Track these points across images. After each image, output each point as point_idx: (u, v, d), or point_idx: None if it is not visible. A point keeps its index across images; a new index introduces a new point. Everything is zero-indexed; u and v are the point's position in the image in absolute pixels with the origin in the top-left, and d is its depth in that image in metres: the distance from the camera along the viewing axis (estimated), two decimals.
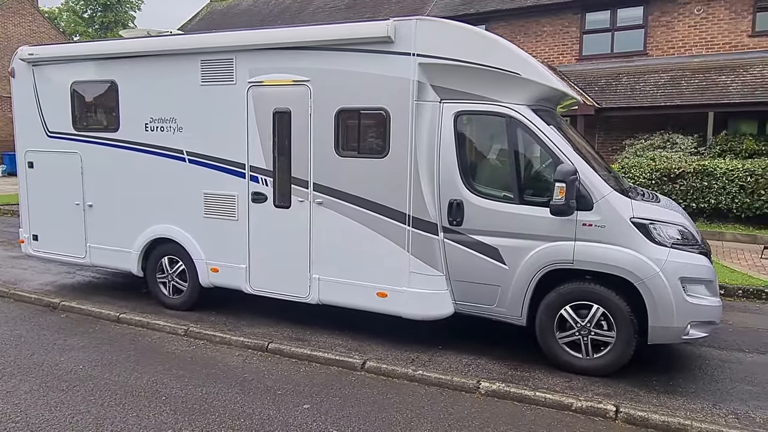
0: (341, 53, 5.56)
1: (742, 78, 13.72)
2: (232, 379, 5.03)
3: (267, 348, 5.71)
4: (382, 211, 5.53)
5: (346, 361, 5.35)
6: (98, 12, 52.15)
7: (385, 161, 5.47)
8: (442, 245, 5.43)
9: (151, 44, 6.59)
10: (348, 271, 5.75)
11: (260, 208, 6.13)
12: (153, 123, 6.62)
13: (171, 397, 4.64)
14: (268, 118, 5.97)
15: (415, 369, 5.14)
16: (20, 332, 6.19)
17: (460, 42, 5.21)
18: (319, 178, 5.78)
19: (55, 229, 7.50)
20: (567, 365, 5.13)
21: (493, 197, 5.27)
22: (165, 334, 6.19)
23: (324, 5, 21.71)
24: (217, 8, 25.22)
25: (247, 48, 5.99)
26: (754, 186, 11.97)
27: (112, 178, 6.98)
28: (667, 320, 4.78)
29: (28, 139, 7.53)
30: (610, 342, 4.98)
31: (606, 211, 4.89)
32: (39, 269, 8.86)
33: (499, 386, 4.80)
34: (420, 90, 5.29)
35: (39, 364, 5.30)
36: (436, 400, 4.69)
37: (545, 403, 4.58)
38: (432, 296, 5.49)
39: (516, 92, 5.21)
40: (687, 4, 14.83)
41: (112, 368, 5.23)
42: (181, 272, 6.79)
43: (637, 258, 4.79)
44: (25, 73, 7.41)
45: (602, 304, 4.95)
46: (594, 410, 4.43)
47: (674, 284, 4.75)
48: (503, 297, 5.29)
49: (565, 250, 4.99)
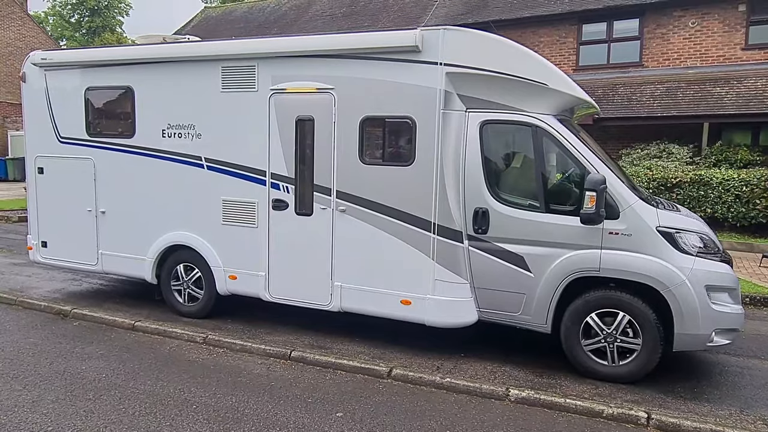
0: (367, 62, 5.59)
1: (736, 90, 13.99)
2: (260, 388, 4.99)
3: (290, 356, 5.69)
4: (407, 219, 5.55)
5: (372, 369, 5.35)
6: (85, 17, 51.74)
7: (411, 169, 5.50)
8: (466, 253, 5.46)
9: (169, 50, 6.57)
10: (371, 279, 5.75)
11: (281, 215, 6.11)
12: (170, 129, 6.59)
13: (201, 405, 4.60)
14: (291, 125, 5.98)
15: (442, 377, 5.16)
16: (35, 340, 6.10)
17: (487, 52, 5.26)
18: (342, 185, 5.79)
19: (66, 236, 7.40)
20: (592, 372, 5.18)
21: (519, 206, 5.32)
22: (183, 342, 6.13)
23: (321, 13, 21.77)
24: (212, 14, 25.16)
25: (271, 55, 6.00)
26: (750, 195, 12.20)
27: (126, 185, 6.92)
28: (693, 328, 4.85)
29: (39, 144, 7.44)
30: (636, 349, 5.03)
31: (632, 220, 4.96)
32: (44, 276, 8.73)
33: (529, 393, 4.83)
34: (447, 99, 5.33)
35: (60, 372, 5.22)
36: (467, 408, 4.70)
37: (576, 410, 4.62)
38: (456, 304, 5.52)
39: (542, 102, 5.28)
40: (682, 17, 15.12)
41: (136, 377, 5.17)
42: (197, 280, 6.74)
43: (663, 266, 4.86)
44: (36, 78, 7.34)
45: (628, 312, 5.01)
46: (626, 417, 4.48)
47: (700, 292, 4.83)
48: (528, 304, 5.33)
49: (591, 258, 5.05)
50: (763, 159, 13.47)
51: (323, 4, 22.39)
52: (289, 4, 23.42)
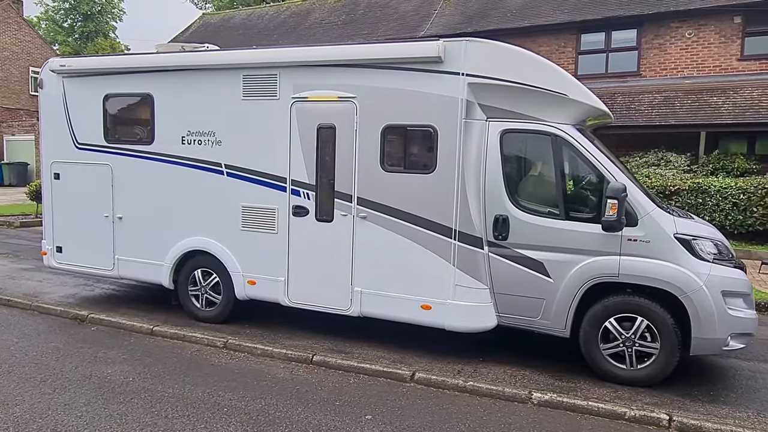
0: (389, 71, 5.71)
1: (733, 99, 14.28)
2: (286, 391, 5.07)
3: (312, 360, 5.77)
4: (428, 225, 5.66)
5: (394, 373, 5.44)
6: (78, 22, 51.61)
7: (432, 177, 5.62)
8: (486, 259, 5.58)
9: (191, 59, 6.66)
10: (392, 284, 5.85)
11: (301, 221, 6.21)
12: (190, 136, 6.67)
13: (232, 409, 4.67)
14: (312, 133, 6.08)
15: (465, 380, 5.26)
16: (56, 344, 6.13)
17: (508, 63, 5.41)
18: (364, 192, 5.89)
19: (81, 241, 7.44)
20: (611, 376, 5.30)
21: (539, 213, 5.45)
22: (203, 347, 6.19)
23: (321, 21, 21.93)
24: (211, 21, 25.25)
25: (293, 64, 6.11)
26: (747, 203, 12.44)
27: (144, 190, 6.98)
28: (710, 332, 4.99)
29: (55, 150, 7.49)
30: (654, 353, 5.16)
31: (651, 227, 5.11)
32: (55, 282, 8.75)
33: (552, 396, 4.94)
34: (468, 108, 5.46)
35: (87, 376, 5.27)
36: (492, 411, 4.81)
37: (598, 412, 4.74)
38: (476, 309, 5.63)
39: (561, 112, 5.43)
40: (679, 28, 15.42)
41: (163, 381, 5.22)
42: (215, 285, 6.80)
43: (682, 272, 5.01)
44: (54, 84, 7.39)
45: (647, 317, 5.14)
46: (648, 419, 4.60)
47: (716, 297, 4.98)
48: (548, 309, 5.45)
49: (610, 264, 5.18)
50: (759, 167, 13.76)
51: (322, 12, 22.56)
52: (288, 12, 23.57)
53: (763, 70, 14.64)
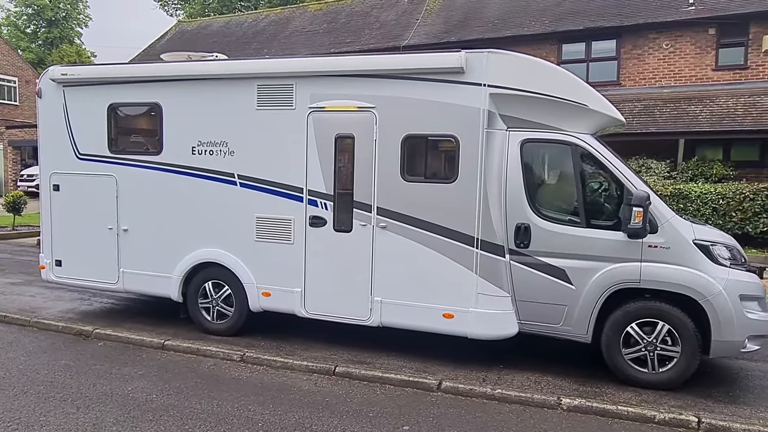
0: (409, 82, 5.74)
1: (709, 108, 14.80)
2: (316, 404, 5.02)
3: (335, 371, 5.72)
4: (450, 234, 5.70)
5: (421, 382, 5.45)
6: (42, 27, 50.25)
7: (454, 186, 5.66)
8: (508, 267, 5.64)
9: (202, 68, 6.57)
10: (413, 293, 5.86)
11: (318, 231, 6.17)
12: (201, 146, 6.57)
13: (267, 423, 4.60)
14: (330, 143, 6.06)
15: (492, 388, 5.30)
16: (66, 362, 5.94)
17: (529, 74, 5.51)
18: (383, 202, 5.90)
19: (83, 255, 7.23)
20: (633, 380, 5.41)
21: (560, 221, 5.55)
22: (219, 361, 6.09)
23: (301, 29, 21.87)
24: (187, 28, 24.92)
25: (310, 74, 6.09)
26: (726, 208, 12.89)
27: (152, 202, 6.84)
28: (729, 335, 5.15)
29: (55, 161, 7.28)
30: (675, 357, 5.30)
31: (670, 234, 5.26)
32: (49, 296, 8.48)
33: (581, 402, 5.02)
34: (489, 118, 5.53)
35: (107, 394, 5.12)
36: (524, 417, 4.85)
37: (628, 416, 4.83)
38: (499, 316, 5.68)
39: (581, 122, 5.55)
40: (656, 39, 15.91)
41: (188, 396, 5.11)
42: (227, 297, 6.69)
43: (702, 277, 5.16)
44: (54, 93, 7.18)
45: (668, 321, 5.27)
46: (677, 421, 4.71)
47: (735, 301, 5.14)
48: (569, 316, 5.54)
49: (632, 270, 5.30)
50: (735, 173, 14.27)
51: (303, 20, 22.51)
52: (267, 20, 23.45)
53: (736, 79, 15.22)
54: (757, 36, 14.91)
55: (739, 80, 15.14)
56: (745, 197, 13.06)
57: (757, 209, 12.86)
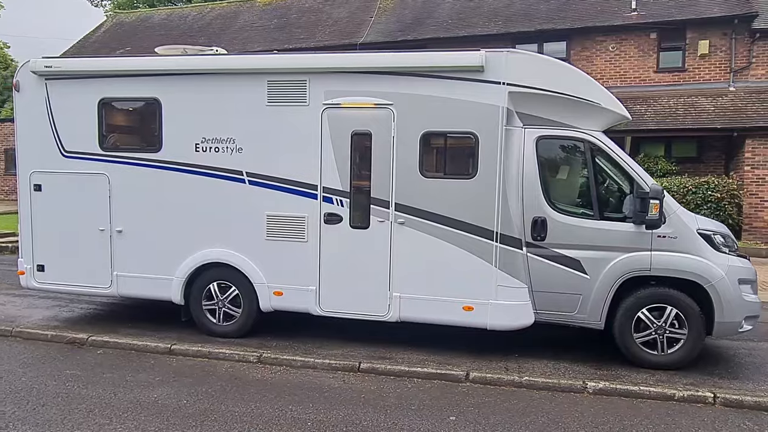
0: (428, 79, 5.82)
1: (653, 108, 15.80)
2: (354, 400, 5.02)
3: (359, 368, 5.73)
4: (469, 228, 5.84)
5: (449, 374, 5.56)
6: None
7: (474, 182, 5.80)
8: (525, 259, 5.85)
9: (207, 63, 6.37)
10: (432, 288, 5.96)
11: (334, 229, 6.14)
12: (205, 143, 6.36)
13: (316, 422, 4.55)
14: (346, 139, 6.04)
15: (519, 376, 5.49)
16: (72, 371, 5.61)
17: (547, 73, 5.74)
18: (402, 198, 5.95)
19: (70, 258, 6.81)
20: (644, 361, 5.76)
21: (575, 214, 5.82)
22: (235, 363, 5.94)
23: (251, 24, 21.39)
24: (125, 20, 23.75)
25: (324, 71, 6.04)
26: None
27: (150, 201, 6.55)
28: (730, 316, 5.60)
29: (36, 159, 6.82)
30: (682, 339, 5.69)
31: (677, 224, 5.64)
32: (22, 304, 7.93)
33: (605, 384, 5.30)
34: (508, 116, 5.71)
35: (134, 402, 4.89)
36: (557, 402, 5.07)
37: (650, 395, 5.15)
38: (517, 307, 5.87)
39: (593, 120, 5.85)
40: (603, 42, 16.79)
41: (221, 400, 4.97)
42: (234, 298, 6.52)
43: (706, 264, 5.57)
44: (34, 87, 6.73)
45: (676, 306, 5.65)
46: (696, 398, 5.08)
47: (735, 285, 5.60)
48: (584, 304, 5.82)
49: (643, 259, 5.64)
50: (678, 168, 15.31)
51: (251, 15, 22.02)
52: (213, 13, 22.76)
53: (676, 81, 16.31)
54: (694, 41, 16.06)
55: (678, 82, 16.24)
56: (688, 191, 14.09)
57: (698, 201, 13.91)
